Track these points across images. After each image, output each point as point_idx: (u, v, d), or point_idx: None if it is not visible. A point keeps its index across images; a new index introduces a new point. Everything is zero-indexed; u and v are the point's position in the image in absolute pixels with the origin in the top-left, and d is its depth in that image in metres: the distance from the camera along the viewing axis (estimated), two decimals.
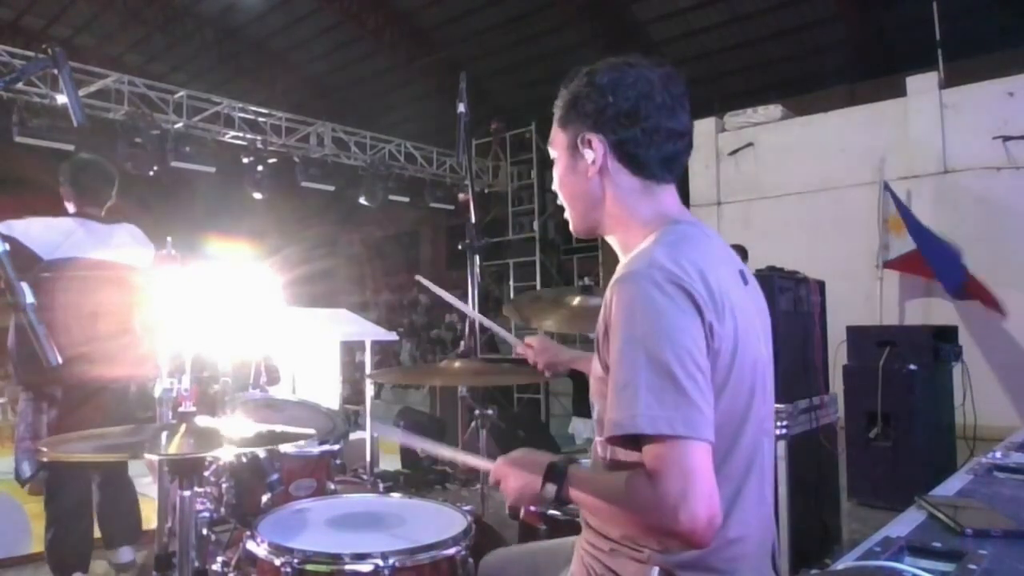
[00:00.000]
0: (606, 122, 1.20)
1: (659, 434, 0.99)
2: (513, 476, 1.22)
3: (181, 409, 1.56)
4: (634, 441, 1.03)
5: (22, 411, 2.92)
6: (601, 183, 1.24)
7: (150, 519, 2.85)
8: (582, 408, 7.64)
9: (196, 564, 1.61)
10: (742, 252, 5.54)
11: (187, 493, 1.46)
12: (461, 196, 11.30)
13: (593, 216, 1.28)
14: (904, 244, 6.43)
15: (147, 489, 4.75)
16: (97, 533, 3.06)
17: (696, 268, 1.08)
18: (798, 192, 7.35)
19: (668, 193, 1.26)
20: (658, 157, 1.21)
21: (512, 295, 11.44)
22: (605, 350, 1.11)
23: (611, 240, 1.29)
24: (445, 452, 1.55)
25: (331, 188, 10.31)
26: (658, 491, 0.98)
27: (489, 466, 1.30)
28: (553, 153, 1.32)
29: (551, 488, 1.15)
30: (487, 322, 1.96)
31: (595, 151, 1.21)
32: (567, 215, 1.33)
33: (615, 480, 1.07)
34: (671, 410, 0.99)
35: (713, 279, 1.09)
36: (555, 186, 1.33)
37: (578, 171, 1.25)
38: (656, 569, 1.11)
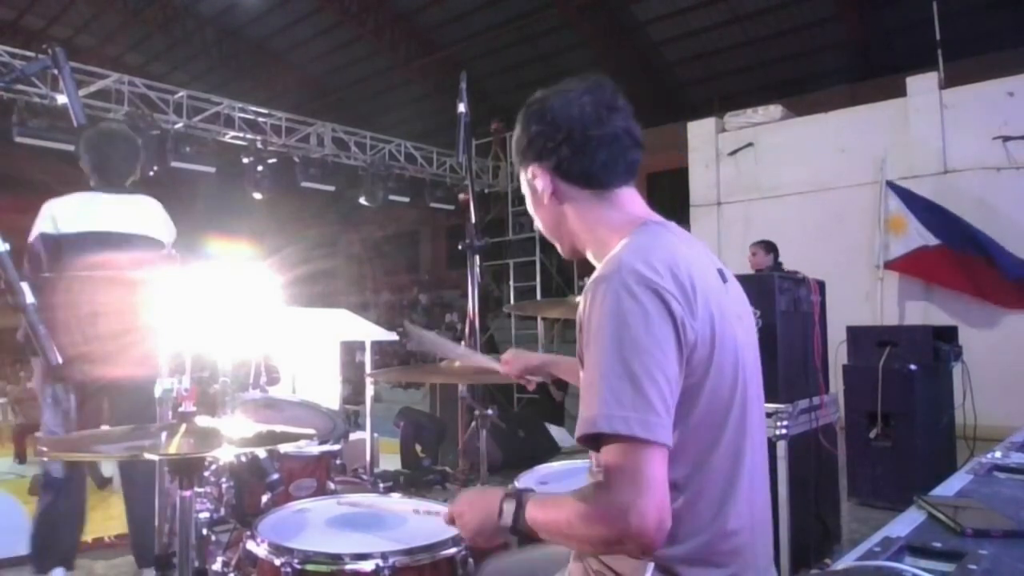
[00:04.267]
0: (539, 152, 1.26)
1: (615, 433, 1.02)
2: (469, 513, 1.24)
3: (181, 409, 1.56)
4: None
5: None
6: (560, 207, 1.29)
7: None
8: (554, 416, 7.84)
9: (196, 564, 1.62)
10: (773, 248, 5.59)
11: (187, 493, 1.46)
12: (461, 196, 11.30)
13: (567, 240, 1.33)
14: (904, 244, 6.43)
15: None
16: (86, 537, 3.01)
17: (666, 266, 1.10)
18: (798, 192, 7.35)
19: (628, 195, 1.29)
20: (596, 165, 1.24)
21: (512, 295, 11.46)
22: (582, 352, 1.14)
23: (591, 258, 1.32)
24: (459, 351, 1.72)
25: (331, 188, 10.31)
26: (610, 494, 1.01)
27: (495, 365, 1.40)
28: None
29: (508, 516, 1.16)
30: (480, 358, 1.99)
31: (542, 180, 1.28)
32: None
33: (568, 496, 1.09)
34: (629, 411, 1.02)
35: (685, 275, 1.11)
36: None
37: (540, 203, 1.31)
38: (651, 565, 1.11)
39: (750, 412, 1.19)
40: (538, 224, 1.37)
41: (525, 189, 1.35)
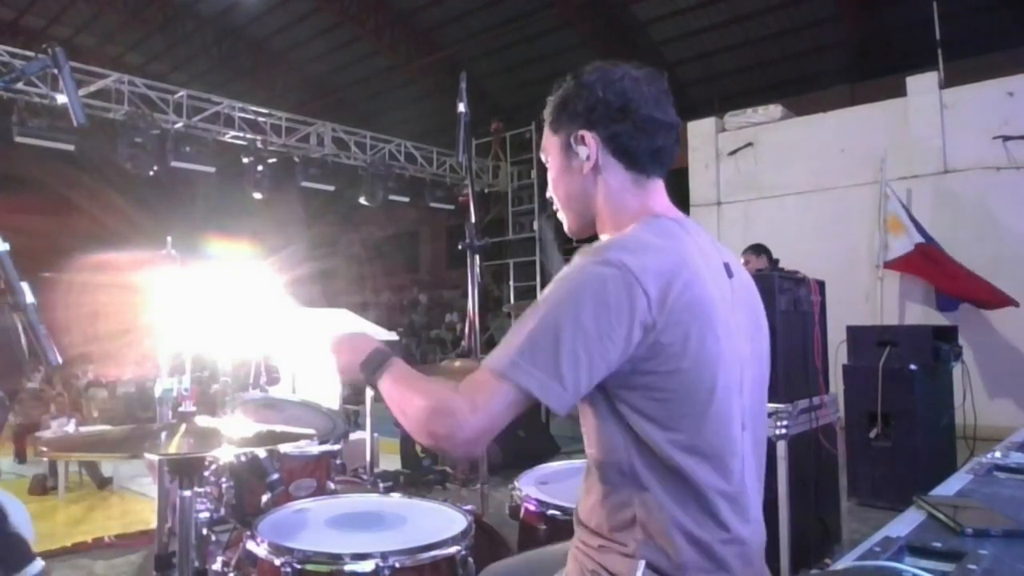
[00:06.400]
0: (598, 118, 1.23)
1: (502, 371, 1.06)
2: (345, 350, 1.29)
3: (181, 409, 1.56)
4: None
5: None
6: (594, 179, 1.26)
7: (150, 520, 2.83)
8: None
9: (196, 564, 1.61)
10: (764, 250, 5.34)
11: (187, 493, 1.46)
12: (461, 196, 11.30)
13: (588, 214, 1.30)
14: (904, 244, 6.43)
15: (147, 489, 4.76)
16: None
17: (656, 268, 1.09)
18: (798, 192, 7.35)
19: (657, 189, 1.28)
20: (649, 149, 1.24)
21: (512, 295, 11.46)
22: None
23: (603, 238, 1.30)
24: None
25: (331, 188, 10.32)
26: (452, 396, 1.08)
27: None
28: (545, 158, 1.35)
29: (368, 374, 1.23)
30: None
31: (588, 147, 1.24)
32: (561, 216, 1.35)
33: (425, 383, 1.16)
34: (533, 368, 1.05)
35: (670, 277, 1.09)
36: (549, 191, 1.36)
37: (572, 170, 1.28)
38: (643, 563, 1.12)
39: (737, 419, 1.17)
40: (554, 192, 1.33)
41: (553, 153, 1.31)
